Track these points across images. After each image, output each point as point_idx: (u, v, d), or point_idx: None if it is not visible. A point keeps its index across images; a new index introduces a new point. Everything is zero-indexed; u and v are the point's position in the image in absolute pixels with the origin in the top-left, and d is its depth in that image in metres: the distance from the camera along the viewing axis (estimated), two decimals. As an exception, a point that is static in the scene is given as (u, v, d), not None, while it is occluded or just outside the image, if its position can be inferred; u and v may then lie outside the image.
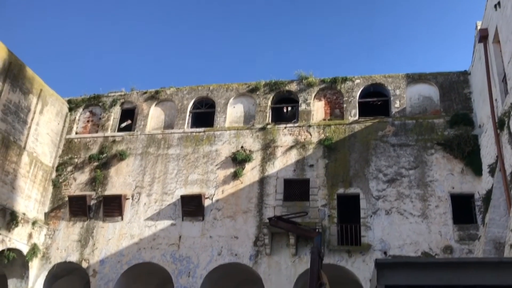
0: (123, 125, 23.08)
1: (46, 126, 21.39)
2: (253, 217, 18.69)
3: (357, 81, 20.71)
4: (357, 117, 19.88)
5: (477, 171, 17.40)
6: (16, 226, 18.82)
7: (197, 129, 21.19)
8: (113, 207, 19.92)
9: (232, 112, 21.51)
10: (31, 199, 20.01)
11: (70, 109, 23.05)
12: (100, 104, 23.04)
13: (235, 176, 19.57)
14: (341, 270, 17.44)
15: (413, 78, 20.25)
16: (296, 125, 20.22)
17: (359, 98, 20.45)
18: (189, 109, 21.96)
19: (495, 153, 15.19)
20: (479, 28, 16.98)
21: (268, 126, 20.44)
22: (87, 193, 20.61)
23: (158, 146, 21.10)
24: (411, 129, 19.00)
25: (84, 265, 19.39)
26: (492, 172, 15.72)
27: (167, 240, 19.02)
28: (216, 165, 20.06)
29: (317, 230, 14.43)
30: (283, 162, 19.51)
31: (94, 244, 19.64)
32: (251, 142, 20.23)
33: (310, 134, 19.82)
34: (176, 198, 19.63)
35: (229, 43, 53.83)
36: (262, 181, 19.29)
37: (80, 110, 23.19)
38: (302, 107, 20.66)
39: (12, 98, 19.53)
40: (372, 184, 18.28)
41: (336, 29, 52.33)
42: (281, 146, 19.84)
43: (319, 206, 18.23)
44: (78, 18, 52.24)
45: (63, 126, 22.51)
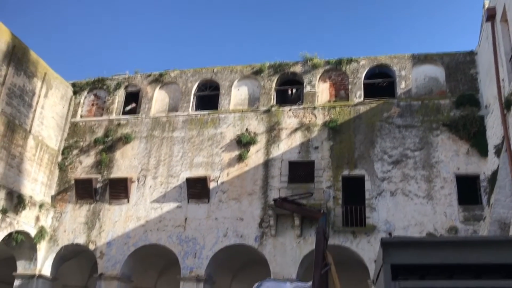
0: (128, 108, 23.06)
1: (51, 110, 21.42)
2: (258, 199, 18.77)
3: (362, 62, 20.52)
4: (362, 99, 19.76)
5: (483, 152, 17.34)
6: (24, 209, 19.01)
7: (202, 112, 21.16)
8: (119, 189, 20.06)
9: (237, 94, 21.42)
10: (37, 182, 20.16)
11: (75, 93, 23.03)
12: (105, 87, 22.99)
13: (240, 158, 19.59)
14: (346, 251, 17.55)
15: (419, 59, 20.03)
16: (301, 107, 20.13)
17: (364, 79, 20.29)
18: (193, 91, 21.89)
19: (502, 133, 15.10)
20: (486, 7, 16.71)
21: (273, 108, 20.36)
22: (93, 176, 20.72)
23: (163, 129, 21.11)
24: (417, 110, 18.88)
25: (91, 247, 19.61)
26: (498, 153, 15.64)
27: (173, 222, 19.16)
28: (221, 148, 20.08)
29: (322, 211, 14.46)
30: (288, 144, 19.48)
31: (101, 226, 19.82)
32: (256, 125, 20.19)
33: (315, 116, 19.74)
34: (181, 180, 19.72)
35: (233, 25, 53.40)
36: (267, 164, 19.31)
37: (85, 93, 23.16)
38: (307, 88, 20.53)
39: (17, 82, 19.52)
40: (377, 166, 18.26)
41: (341, 10, 51.74)
42: (286, 128, 19.79)
43: (324, 188, 18.27)
44: (82, 1, 51.88)
45: (68, 110, 22.54)
